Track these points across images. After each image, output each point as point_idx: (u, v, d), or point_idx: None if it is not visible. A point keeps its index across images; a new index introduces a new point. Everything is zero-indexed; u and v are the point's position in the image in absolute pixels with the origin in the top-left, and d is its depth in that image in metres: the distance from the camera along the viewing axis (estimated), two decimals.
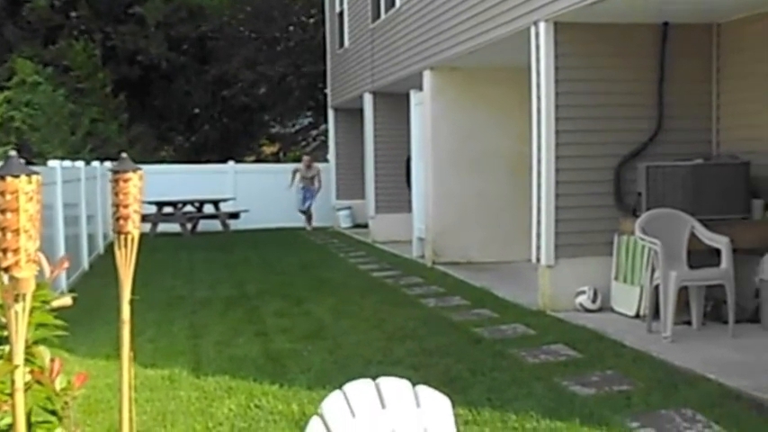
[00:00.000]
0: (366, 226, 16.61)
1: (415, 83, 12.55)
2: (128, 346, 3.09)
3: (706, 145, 8.38)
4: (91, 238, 13.35)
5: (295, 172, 19.11)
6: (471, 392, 5.40)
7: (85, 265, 12.33)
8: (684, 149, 8.11)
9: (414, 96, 12.92)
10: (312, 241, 16.57)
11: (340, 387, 2.43)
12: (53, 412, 2.73)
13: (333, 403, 2.41)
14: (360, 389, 2.47)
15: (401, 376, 2.60)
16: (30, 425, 2.59)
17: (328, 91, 20.32)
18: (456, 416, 4.92)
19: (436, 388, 5.22)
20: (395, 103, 15.09)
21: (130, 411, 3.10)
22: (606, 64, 8.18)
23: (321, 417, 2.37)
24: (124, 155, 3.27)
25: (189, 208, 18.20)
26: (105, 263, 11.62)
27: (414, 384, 2.53)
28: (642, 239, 7.02)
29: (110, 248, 2.72)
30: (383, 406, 2.47)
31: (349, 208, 19.06)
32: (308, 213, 19.08)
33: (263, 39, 25.86)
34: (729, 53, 8.25)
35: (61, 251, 9.90)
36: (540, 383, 5.60)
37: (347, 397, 2.43)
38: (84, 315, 7.97)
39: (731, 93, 8.24)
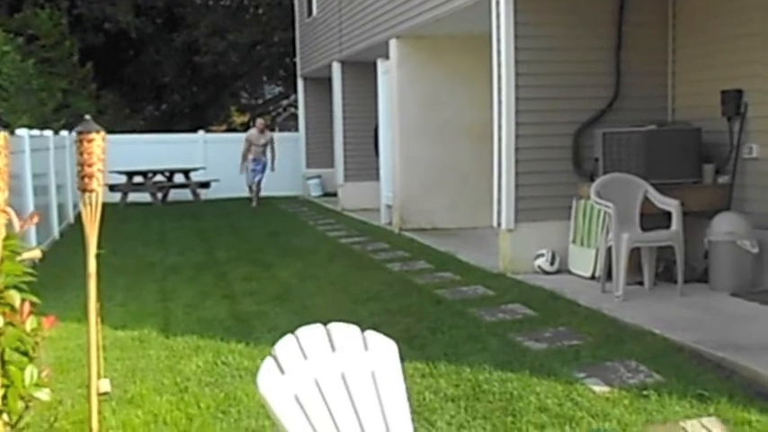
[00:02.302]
0: (336, 194, 16.80)
1: (381, 52, 12.70)
2: (94, 297, 3.25)
3: (662, 112, 8.62)
4: (61, 207, 13.38)
5: (247, 151, 17.18)
6: (430, 348, 5.64)
7: (56, 233, 12.40)
8: (641, 116, 8.33)
9: (380, 65, 13.07)
10: (282, 209, 16.71)
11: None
12: (25, 353, 2.90)
13: (285, 345, 2.56)
14: (311, 333, 2.63)
15: None
16: (3, 363, 2.78)
17: (297, 60, 20.37)
18: (414, 369, 5.23)
19: (397, 345, 5.46)
20: (363, 72, 15.23)
21: (98, 360, 3.29)
22: (565, 33, 8.38)
23: (274, 358, 2.52)
24: (87, 117, 3.41)
25: (159, 177, 18.23)
26: (75, 232, 11.71)
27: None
28: (597, 203, 7.28)
29: (80, 218, 2.87)
30: (333, 349, 2.63)
31: (319, 177, 19.22)
32: (257, 189, 17.40)
33: (231, 5, 25.75)
34: (685, 23, 8.48)
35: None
36: (495, 339, 5.86)
37: (299, 340, 2.60)
38: (54, 281, 8.15)
39: (686, 61, 8.48)
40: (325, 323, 2.73)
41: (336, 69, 16.11)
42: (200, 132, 21.00)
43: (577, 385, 4.80)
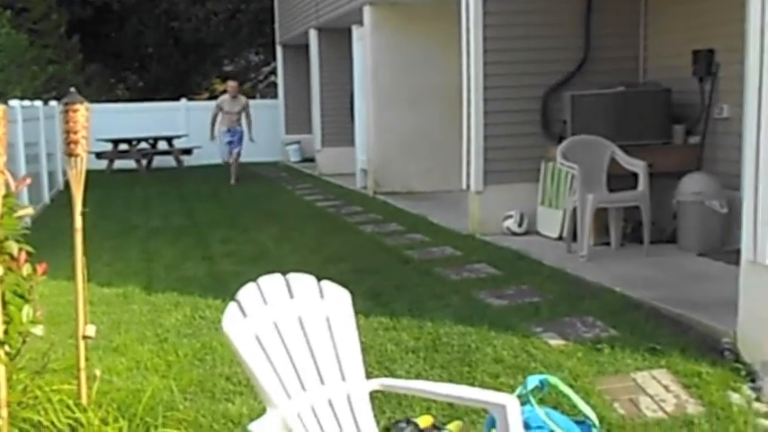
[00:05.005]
0: (314, 160, 16.91)
1: (356, 18, 12.76)
2: (80, 250, 3.57)
3: (633, 73, 8.67)
4: (51, 175, 13.77)
5: (215, 116, 15.21)
6: (394, 305, 5.81)
7: (46, 199, 12.71)
8: (612, 78, 8.34)
9: (355, 32, 13.12)
10: (261, 175, 16.83)
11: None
12: (21, 295, 3.32)
13: (247, 292, 2.72)
14: (271, 281, 2.80)
15: None
16: (4, 303, 3.21)
17: (276, 28, 20.37)
18: (379, 323, 5.40)
19: (363, 301, 5.64)
20: (339, 39, 15.26)
21: (84, 306, 3.59)
22: None
23: (237, 303, 2.68)
24: (73, 89, 3.68)
25: (143, 145, 18.47)
26: (64, 197, 11.96)
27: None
28: (563, 165, 7.39)
29: (69, 184, 3.14)
30: (291, 296, 2.80)
31: (298, 143, 19.32)
32: (236, 163, 15.30)
33: None
34: None
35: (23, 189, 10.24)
36: (458, 296, 6.03)
37: (260, 287, 2.76)
38: (46, 243, 8.22)
39: (658, 22, 8.54)
40: None
41: (313, 37, 16.17)
42: (183, 100, 21.13)
43: (534, 339, 4.97)
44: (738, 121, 4.52)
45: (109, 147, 17.72)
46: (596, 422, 3.17)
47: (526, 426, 2.85)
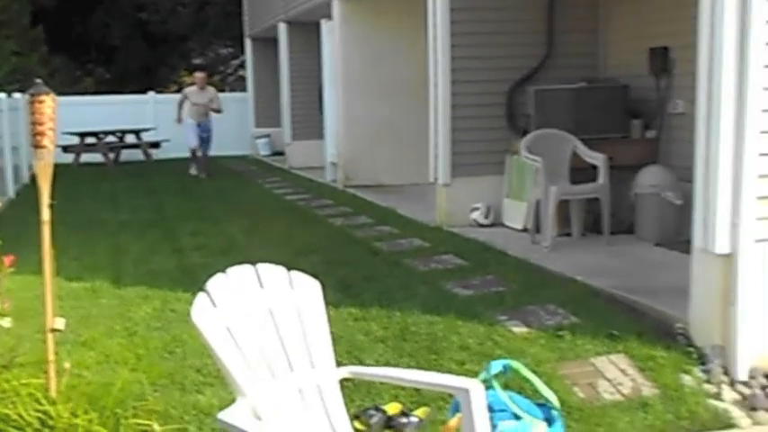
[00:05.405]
0: (284, 153, 16.98)
1: (325, 12, 12.84)
2: (48, 242, 3.56)
3: (594, 69, 8.90)
4: (16, 169, 13.56)
5: (182, 102, 14.91)
6: (364, 296, 5.95)
7: (11, 193, 12.55)
8: (574, 74, 8.58)
9: (324, 25, 13.20)
10: (231, 169, 16.84)
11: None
12: None
13: (217, 282, 2.78)
14: (241, 271, 2.85)
15: None
16: None
17: (245, 20, 20.37)
18: (348, 314, 5.55)
19: (333, 293, 5.78)
20: (308, 32, 15.32)
21: (52, 299, 3.59)
22: None
23: (207, 293, 2.73)
24: (38, 80, 3.64)
25: (111, 138, 18.27)
26: (31, 192, 11.84)
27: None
28: (527, 158, 7.59)
29: (35, 179, 3.12)
30: (261, 286, 2.87)
31: (267, 136, 19.34)
32: (204, 158, 15.03)
33: None
34: None
35: None
36: (426, 287, 6.19)
37: (230, 278, 2.81)
38: (11, 238, 8.22)
39: (616, 19, 8.75)
40: None
41: (282, 30, 16.23)
42: (151, 93, 21.00)
43: (498, 327, 5.14)
44: (692, 117, 4.72)
45: (75, 140, 17.44)
46: (557, 405, 3.33)
47: (490, 409, 2.94)
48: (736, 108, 4.40)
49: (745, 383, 4.46)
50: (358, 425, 3.87)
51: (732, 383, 4.47)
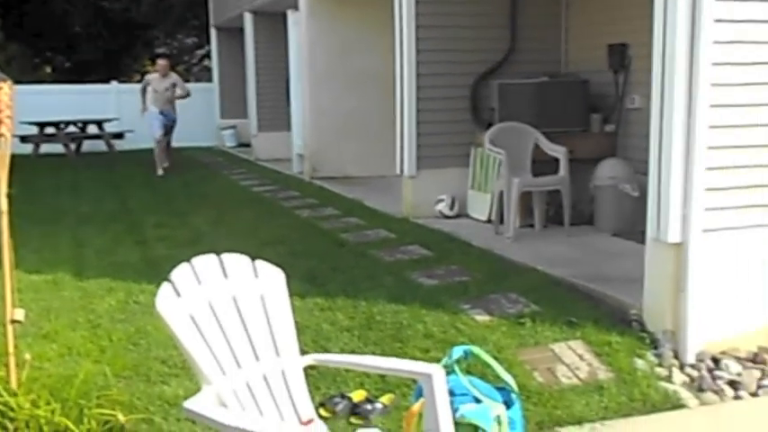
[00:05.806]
0: (250, 145, 16.97)
1: (292, 2, 12.87)
2: (6, 233, 3.54)
3: (556, 64, 9.08)
4: None
5: (144, 89, 14.22)
6: (330, 286, 6.04)
7: None
8: (537, 68, 8.77)
9: (291, 16, 13.21)
10: (196, 160, 16.78)
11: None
12: None
13: (181, 272, 2.80)
14: (205, 261, 2.88)
15: None
16: None
17: (210, 10, 20.26)
18: (314, 304, 5.62)
19: (300, 283, 5.83)
20: (274, 22, 15.35)
21: (12, 290, 3.58)
22: None
23: (171, 283, 2.75)
24: None
25: (72, 128, 17.89)
26: None
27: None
28: (491, 150, 7.72)
29: None
30: (225, 276, 2.90)
31: (233, 127, 19.27)
32: (168, 151, 14.38)
33: None
34: None
35: None
36: (391, 277, 6.29)
37: (194, 267, 2.84)
38: None
39: (577, 16, 8.94)
40: None
41: (248, 20, 16.20)
42: (113, 83, 20.74)
43: (462, 315, 5.27)
44: (648, 112, 4.88)
45: (34, 130, 17.03)
46: (515, 388, 3.43)
47: (451, 393, 3.00)
48: (686, 103, 4.57)
49: (693, 366, 4.66)
50: (323, 412, 3.97)
51: (682, 367, 4.65)
